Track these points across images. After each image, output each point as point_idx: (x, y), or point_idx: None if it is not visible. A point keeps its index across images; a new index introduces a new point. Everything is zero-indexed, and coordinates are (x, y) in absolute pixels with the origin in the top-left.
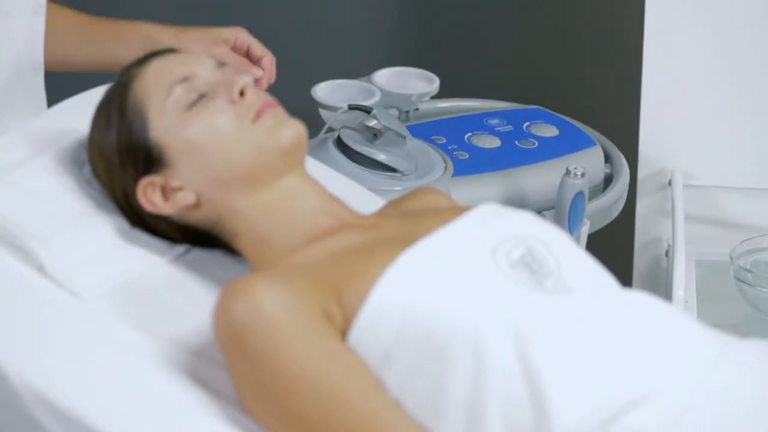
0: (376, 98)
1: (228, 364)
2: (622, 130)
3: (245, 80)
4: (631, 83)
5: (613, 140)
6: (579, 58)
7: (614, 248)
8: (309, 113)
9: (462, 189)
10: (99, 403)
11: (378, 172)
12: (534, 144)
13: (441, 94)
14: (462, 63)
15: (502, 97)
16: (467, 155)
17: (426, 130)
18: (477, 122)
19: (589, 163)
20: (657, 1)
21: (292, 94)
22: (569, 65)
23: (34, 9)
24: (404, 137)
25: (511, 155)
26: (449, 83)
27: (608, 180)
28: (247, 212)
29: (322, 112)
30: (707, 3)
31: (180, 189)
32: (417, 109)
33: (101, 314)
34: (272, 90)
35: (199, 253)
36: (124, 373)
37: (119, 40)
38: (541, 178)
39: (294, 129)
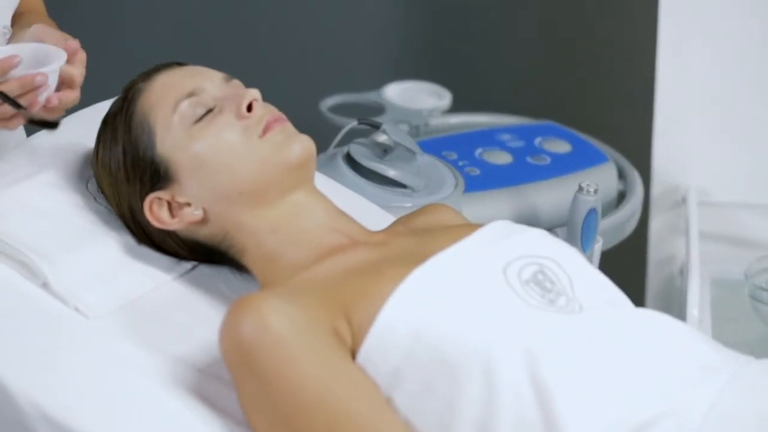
0: (386, 113)
1: (234, 382)
2: (636, 146)
3: (253, 94)
4: (645, 99)
5: (626, 156)
6: (592, 73)
7: (627, 266)
8: (318, 128)
9: (473, 206)
10: (103, 421)
11: (388, 188)
12: (546, 160)
13: (452, 109)
14: (473, 78)
15: (513, 112)
16: (478, 171)
17: (436, 145)
18: (488, 138)
19: (602, 179)
20: (671, 16)
21: (301, 109)
22: (582, 80)
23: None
24: (414, 153)
25: (523, 171)
26: (460, 98)
27: (621, 197)
28: (255, 228)
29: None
30: (721, 18)
31: (187, 205)
32: (427, 124)
33: (107, 331)
34: (281, 104)
35: (205, 270)
36: (129, 391)
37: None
38: (553, 194)
39: (302, 145)
